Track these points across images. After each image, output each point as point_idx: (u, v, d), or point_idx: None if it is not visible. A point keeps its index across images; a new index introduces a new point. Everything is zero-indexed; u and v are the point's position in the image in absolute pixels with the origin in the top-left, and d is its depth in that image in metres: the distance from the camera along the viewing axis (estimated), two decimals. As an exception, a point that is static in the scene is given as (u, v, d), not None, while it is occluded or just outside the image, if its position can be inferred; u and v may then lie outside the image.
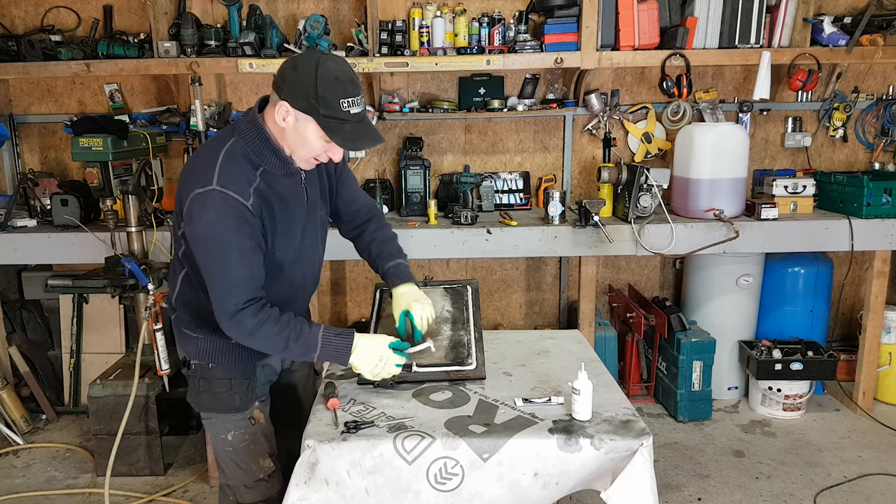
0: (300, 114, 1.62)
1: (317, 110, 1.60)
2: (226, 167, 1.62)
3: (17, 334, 3.77)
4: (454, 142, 3.92)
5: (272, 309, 1.68)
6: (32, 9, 3.73)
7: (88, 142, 2.92)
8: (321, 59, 1.60)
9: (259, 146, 1.68)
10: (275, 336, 1.67)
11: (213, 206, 1.59)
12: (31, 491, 2.99)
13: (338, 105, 1.60)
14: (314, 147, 1.67)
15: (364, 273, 4.06)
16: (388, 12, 3.60)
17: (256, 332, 1.65)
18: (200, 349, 1.85)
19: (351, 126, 1.63)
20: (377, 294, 2.38)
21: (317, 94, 1.58)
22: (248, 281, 1.64)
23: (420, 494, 1.64)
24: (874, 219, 3.31)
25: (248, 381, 1.87)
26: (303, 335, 1.70)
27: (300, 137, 1.66)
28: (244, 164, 1.66)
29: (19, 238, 3.31)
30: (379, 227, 2.11)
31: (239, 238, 1.61)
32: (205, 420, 1.90)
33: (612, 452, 1.62)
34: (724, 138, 3.33)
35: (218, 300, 1.64)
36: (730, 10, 3.39)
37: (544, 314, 4.17)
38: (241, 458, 1.88)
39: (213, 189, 1.59)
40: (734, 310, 3.65)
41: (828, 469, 3.04)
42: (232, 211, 1.60)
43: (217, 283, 1.63)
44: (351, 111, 1.61)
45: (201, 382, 1.85)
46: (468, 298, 2.31)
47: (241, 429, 1.86)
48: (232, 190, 1.60)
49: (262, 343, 1.68)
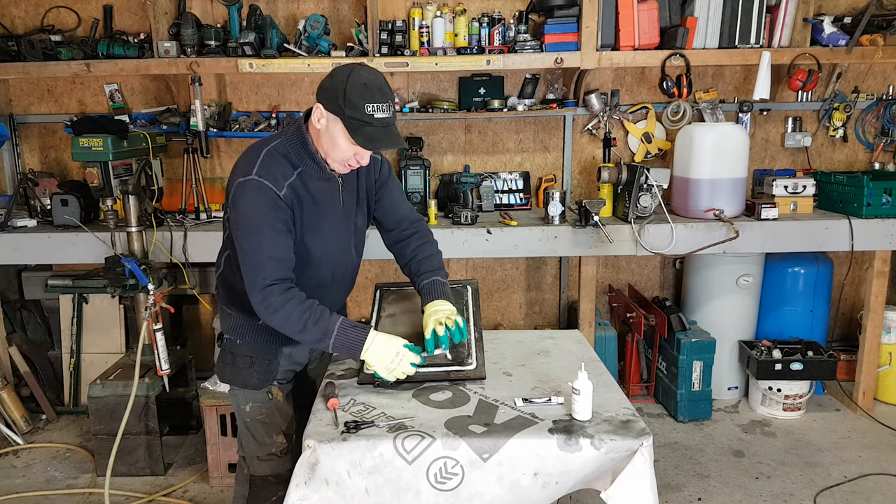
0: (330, 115, 1.76)
1: (343, 111, 1.73)
2: (266, 162, 1.80)
3: (17, 334, 3.77)
4: (454, 142, 3.92)
5: (299, 292, 1.79)
6: (32, 9, 3.73)
7: (88, 142, 2.92)
8: (356, 69, 1.76)
9: (299, 149, 1.84)
10: (296, 316, 1.76)
11: (251, 192, 1.77)
12: (31, 491, 2.99)
13: (362, 108, 1.72)
14: (343, 149, 1.79)
15: (364, 273, 4.06)
16: (388, 12, 3.60)
17: (281, 308, 1.75)
18: (233, 325, 1.99)
19: (373, 129, 1.74)
20: (377, 294, 2.39)
21: (345, 96, 1.72)
22: (277, 261, 1.77)
23: (420, 494, 1.63)
24: (874, 219, 3.31)
25: (268, 362, 1.98)
26: (322, 320, 1.79)
27: (331, 139, 1.79)
28: (283, 163, 1.82)
29: (19, 238, 3.31)
30: (423, 242, 2.15)
31: (271, 221, 1.76)
32: (229, 392, 2.05)
33: (612, 452, 1.62)
34: (724, 138, 3.33)
35: (249, 275, 1.77)
36: (730, 10, 3.39)
37: (544, 314, 4.17)
38: (256, 430, 2.01)
39: (252, 178, 1.77)
40: (734, 310, 3.65)
41: (828, 469, 3.04)
42: (265, 198, 1.77)
43: (250, 259, 1.77)
44: (375, 115, 1.73)
45: (228, 356, 2.00)
46: (468, 298, 2.31)
47: (258, 401, 1.99)
48: (268, 180, 1.77)
49: (283, 321, 1.77)
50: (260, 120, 3.75)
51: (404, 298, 2.36)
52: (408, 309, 2.27)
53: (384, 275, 4.07)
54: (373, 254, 3.31)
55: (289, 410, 2.06)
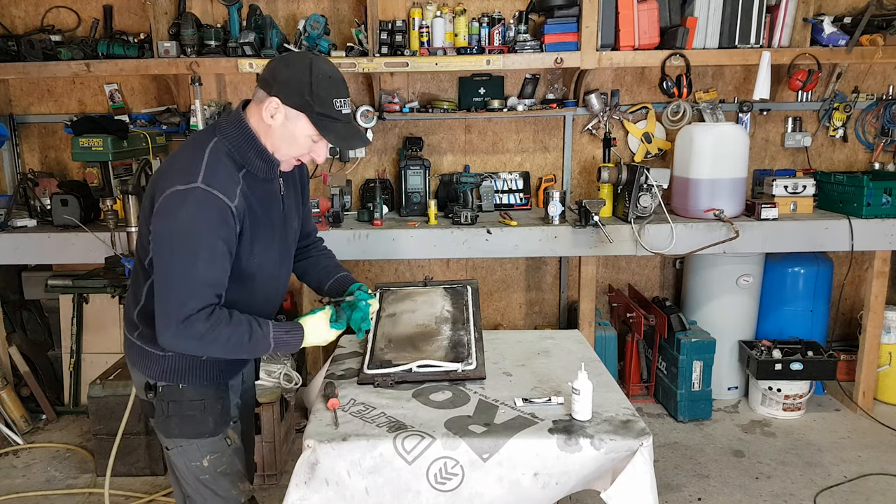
0: (291, 110, 1.59)
1: (311, 107, 1.58)
2: (212, 165, 1.55)
3: (17, 334, 3.77)
4: (454, 142, 3.92)
5: (223, 310, 1.58)
6: (32, 9, 3.73)
7: (88, 142, 2.93)
8: (314, 59, 1.61)
9: (243, 147, 1.62)
10: (227, 339, 1.57)
11: (195, 203, 1.50)
12: (31, 491, 2.99)
13: (331, 104, 1.59)
14: (300, 145, 1.64)
15: (364, 273, 4.06)
16: (388, 12, 3.60)
17: (208, 335, 1.53)
18: (169, 368, 1.70)
19: (342, 126, 1.63)
20: (377, 294, 2.39)
21: (312, 91, 1.57)
22: (210, 286, 1.55)
23: (420, 494, 1.63)
24: (874, 219, 3.31)
25: (221, 402, 1.75)
26: (255, 336, 1.61)
27: (288, 135, 1.62)
28: (229, 164, 1.59)
29: (19, 238, 3.31)
30: (325, 253, 2.10)
31: (212, 240, 1.52)
32: (173, 451, 1.74)
33: (612, 452, 1.62)
34: (724, 138, 3.33)
35: (170, 304, 1.52)
36: (730, 10, 3.39)
37: (544, 314, 4.17)
38: (219, 484, 1.76)
39: (198, 186, 1.50)
40: (734, 310, 3.65)
41: (828, 469, 3.04)
42: (213, 210, 1.52)
43: (176, 284, 1.52)
44: (342, 111, 1.62)
45: (170, 406, 1.70)
46: (468, 298, 2.31)
47: (216, 452, 1.74)
48: (217, 189, 1.52)
49: (211, 347, 1.57)
50: (260, 120, 3.74)
51: (404, 298, 2.36)
52: (408, 309, 2.27)
53: (384, 275, 4.07)
54: (373, 254, 3.33)
55: (243, 451, 1.86)
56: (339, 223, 3.35)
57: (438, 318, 2.20)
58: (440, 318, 2.19)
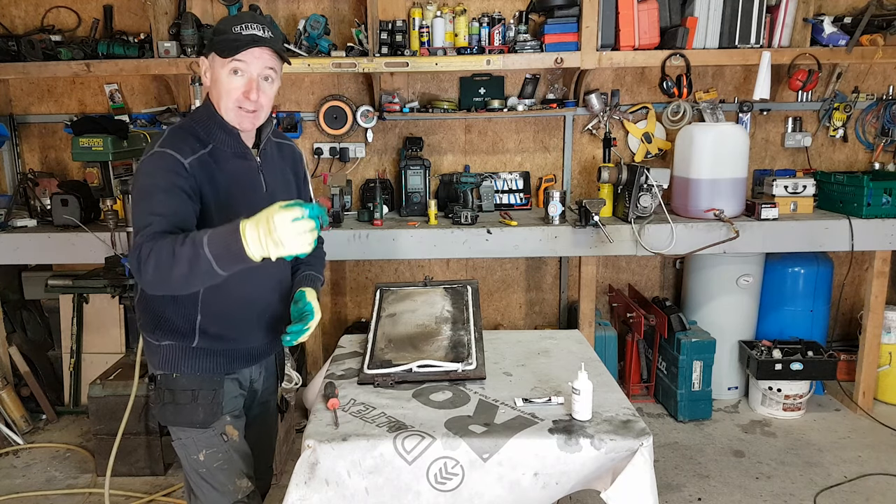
0: (206, 60, 1.71)
1: (213, 43, 1.67)
2: (170, 138, 1.68)
3: (17, 334, 3.77)
4: (454, 142, 3.92)
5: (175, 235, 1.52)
6: (32, 9, 3.73)
7: (88, 142, 2.93)
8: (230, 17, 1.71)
9: (208, 124, 1.71)
10: (162, 250, 1.47)
11: (150, 161, 1.64)
12: (31, 491, 2.99)
13: (230, 30, 1.65)
14: (227, 86, 1.67)
15: (364, 273, 4.06)
16: (388, 12, 3.60)
17: (151, 254, 1.48)
18: (164, 358, 1.77)
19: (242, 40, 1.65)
20: (377, 294, 2.39)
21: (215, 31, 1.68)
22: (167, 217, 1.56)
23: (420, 494, 1.63)
24: (874, 219, 3.31)
25: (213, 393, 1.76)
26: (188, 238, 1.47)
27: (216, 83, 1.69)
28: (190, 139, 1.69)
29: (19, 238, 3.31)
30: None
31: (168, 180, 1.61)
32: (175, 442, 1.80)
33: (612, 452, 1.62)
34: (724, 138, 3.33)
35: (134, 235, 1.58)
36: (730, 10, 3.39)
37: (544, 314, 4.17)
38: (216, 479, 1.79)
39: (155, 150, 1.65)
40: (734, 310, 3.65)
41: (828, 469, 3.04)
42: (165, 163, 1.62)
43: (137, 217, 1.58)
44: (243, 32, 1.65)
45: (166, 394, 1.76)
46: (468, 298, 2.31)
47: (213, 447, 1.77)
48: (170, 149, 1.64)
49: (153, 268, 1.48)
50: (260, 120, 3.75)
51: (405, 298, 2.36)
52: (408, 309, 2.27)
53: (384, 275, 4.07)
54: (373, 254, 3.33)
55: (247, 449, 1.86)
56: (339, 223, 3.36)
57: (438, 318, 2.20)
58: (440, 318, 2.19)
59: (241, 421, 1.85)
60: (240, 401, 1.86)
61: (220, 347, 1.78)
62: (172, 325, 1.74)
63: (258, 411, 1.98)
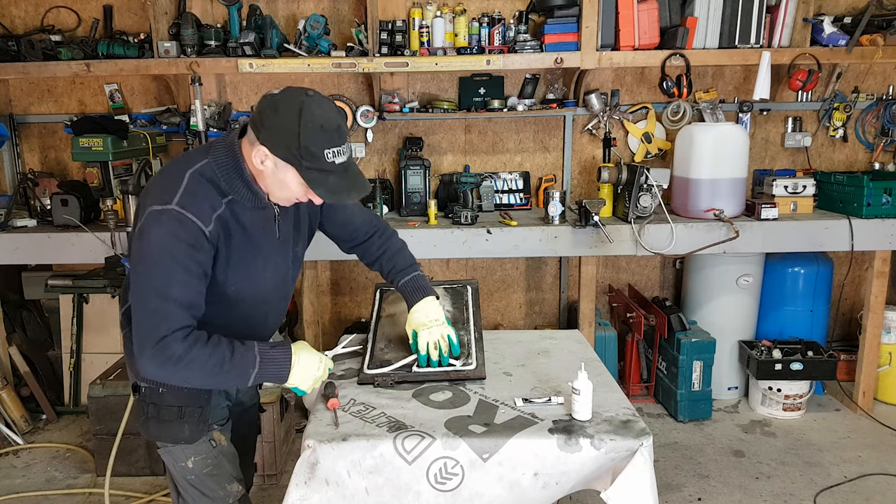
0: (280, 161, 1.51)
1: (299, 162, 1.49)
2: (190, 188, 1.52)
3: (17, 334, 3.76)
4: (454, 142, 3.92)
5: (200, 332, 1.53)
6: (32, 9, 3.73)
7: (88, 142, 2.93)
8: (305, 104, 1.48)
9: (231, 175, 1.57)
10: (206, 360, 1.50)
11: (168, 224, 1.48)
12: (31, 491, 2.99)
13: (322, 156, 1.49)
14: (294, 191, 1.58)
15: (364, 273, 4.06)
16: (388, 12, 3.60)
17: (185, 357, 1.48)
18: None
19: (335, 177, 1.53)
20: (377, 294, 2.39)
21: (299, 144, 1.47)
22: (185, 308, 1.50)
23: (420, 494, 1.63)
24: (874, 219, 3.31)
25: (200, 410, 1.70)
26: (237, 352, 1.55)
27: (279, 182, 1.56)
28: (210, 189, 1.54)
29: (19, 238, 3.31)
30: (385, 238, 2.02)
31: (186, 262, 1.49)
32: (161, 449, 1.75)
33: (612, 452, 1.62)
34: (724, 138, 3.33)
35: (146, 325, 1.48)
36: (730, 10, 3.39)
37: (544, 314, 4.17)
38: (206, 485, 1.75)
39: (171, 208, 1.48)
40: (734, 310, 3.65)
41: (828, 469, 3.04)
42: (186, 234, 1.48)
43: (152, 305, 1.48)
44: (336, 161, 1.51)
45: (150, 408, 1.69)
46: (468, 298, 2.31)
47: (201, 454, 1.73)
48: (191, 212, 1.49)
49: (190, 372, 1.50)
50: (260, 120, 3.75)
51: (404, 298, 2.35)
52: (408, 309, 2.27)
53: (384, 275, 4.06)
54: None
55: (234, 450, 1.83)
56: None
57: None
58: (440, 318, 2.19)
59: (228, 428, 1.84)
60: (226, 411, 1.84)
61: None
62: None
63: (238, 410, 1.95)
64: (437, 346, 1.89)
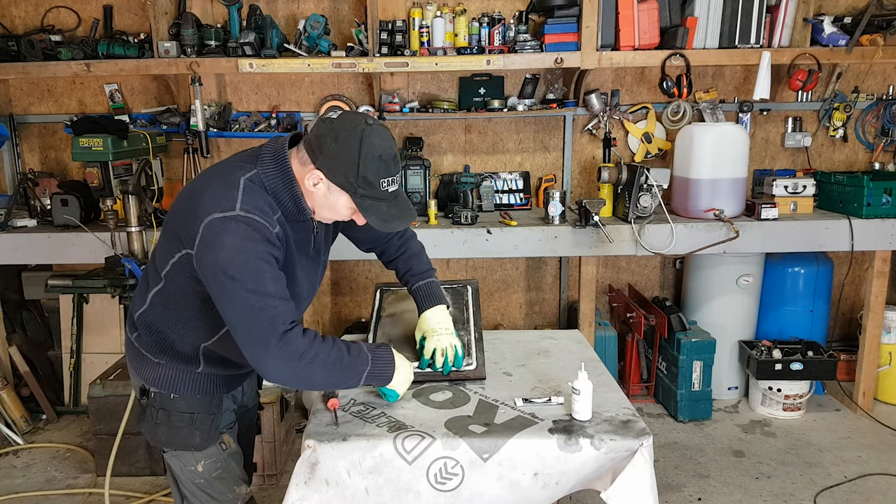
0: (335, 186, 1.52)
1: (355, 190, 1.51)
2: (249, 193, 1.50)
3: (17, 334, 3.77)
4: (454, 142, 3.92)
5: (309, 328, 1.56)
6: (32, 9, 3.73)
7: (88, 142, 2.93)
8: (366, 134, 1.49)
9: (281, 188, 1.55)
10: (327, 357, 1.53)
11: (239, 230, 1.45)
12: (31, 491, 2.99)
13: (378, 185, 1.51)
14: (342, 214, 1.60)
15: (364, 273, 4.06)
16: (388, 12, 3.60)
17: (308, 353, 1.49)
18: (162, 377, 1.67)
19: (387, 205, 1.56)
20: (377, 294, 2.39)
21: (357, 173, 1.49)
22: (287, 302, 1.50)
23: (420, 494, 1.63)
24: (874, 219, 3.31)
25: (212, 417, 1.70)
26: (352, 351, 1.60)
27: (329, 205, 1.57)
28: (266, 196, 1.54)
29: (19, 238, 3.31)
30: (405, 240, 2.04)
31: (269, 259, 1.49)
32: (167, 454, 1.73)
33: (612, 452, 1.62)
34: (724, 138, 3.33)
35: (258, 326, 1.46)
36: (730, 10, 3.39)
37: (544, 314, 4.17)
38: (215, 488, 1.74)
39: (238, 214, 1.46)
40: (734, 310, 3.65)
41: (828, 469, 3.04)
42: (260, 236, 1.47)
43: (257, 305, 1.45)
44: (389, 190, 1.54)
45: (160, 413, 1.67)
46: (468, 298, 2.31)
47: (211, 457, 1.71)
48: (257, 215, 1.48)
49: (313, 369, 1.51)
50: (260, 120, 3.75)
51: (405, 299, 2.35)
52: (408, 309, 2.27)
53: (384, 274, 4.05)
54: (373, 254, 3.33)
55: (241, 452, 1.83)
56: (339, 223, 3.35)
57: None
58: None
59: (235, 428, 1.85)
60: (233, 415, 1.84)
61: (223, 372, 1.73)
62: (180, 350, 1.65)
63: (240, 412, 1.95)
64: (443, 354, 1.90)
